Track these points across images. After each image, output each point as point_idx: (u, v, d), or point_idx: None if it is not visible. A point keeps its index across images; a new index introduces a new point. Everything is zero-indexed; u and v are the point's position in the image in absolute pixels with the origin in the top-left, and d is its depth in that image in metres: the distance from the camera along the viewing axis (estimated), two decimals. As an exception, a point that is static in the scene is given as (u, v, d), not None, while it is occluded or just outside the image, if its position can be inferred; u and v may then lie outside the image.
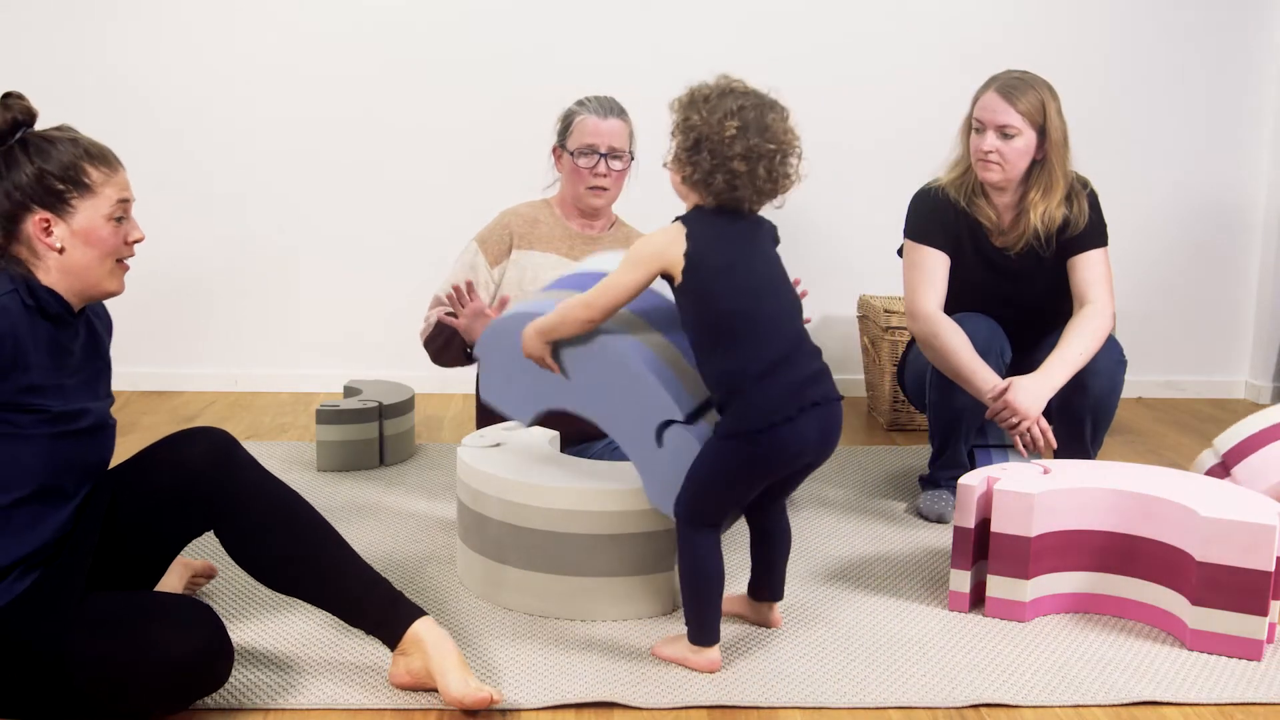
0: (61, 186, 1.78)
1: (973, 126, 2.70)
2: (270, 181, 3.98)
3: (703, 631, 1.97)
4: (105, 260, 1.83)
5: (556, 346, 2.07)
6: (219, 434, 1.96)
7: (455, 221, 3.53)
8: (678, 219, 1.94)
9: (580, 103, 2.77)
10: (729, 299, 1.89)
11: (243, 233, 4.00)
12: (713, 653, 1.98)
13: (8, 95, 1.81)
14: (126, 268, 1.88)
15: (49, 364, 1.80)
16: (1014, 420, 2.55)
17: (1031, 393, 2.55)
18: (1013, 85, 2.63)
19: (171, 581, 2.19)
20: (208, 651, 1.75)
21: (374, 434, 3.16)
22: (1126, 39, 4.10)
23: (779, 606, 2.17)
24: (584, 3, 3.94)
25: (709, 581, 1.97)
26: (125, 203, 1.84)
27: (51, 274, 1.81)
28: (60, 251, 1.80)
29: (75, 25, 3.85)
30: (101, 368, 1.95)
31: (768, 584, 2.14)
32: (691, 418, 2.02)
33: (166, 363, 4.03)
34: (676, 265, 1.89)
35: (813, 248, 3.99)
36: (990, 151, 2.64)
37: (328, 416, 3.11)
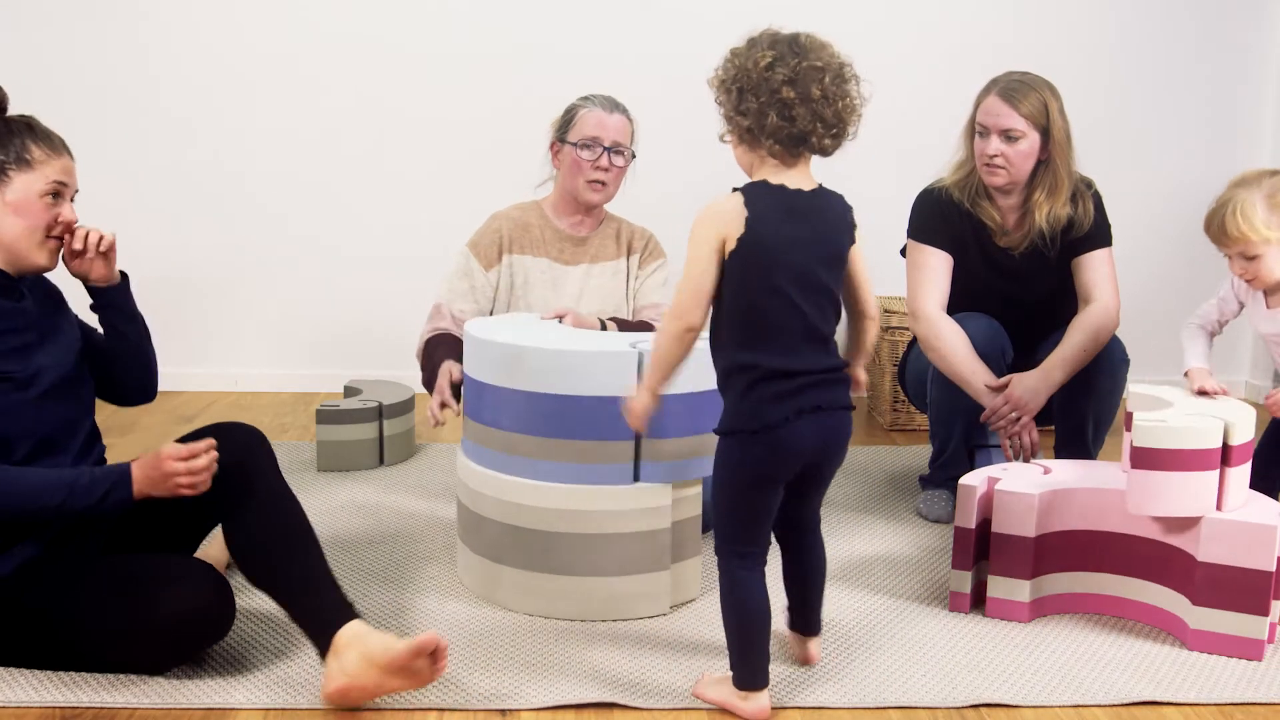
0: (3, 158, 1.88)
1: (976, 130, 2.68)
2: (271, 182, 3.98)
3: (748, 674, 1.81)
4: (33, 233, 1.92)
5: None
6: (248, 432, 2.07)
7: (456, 221, 3.52)
8: (736, 189, 1.75)
9: (584, 98, 2.78)
10: (765, 293, 1.71)
11: (243, 233, 4.00)
12: (762, 698, 1.81)
13: None
14: (58, 245, 1.97)
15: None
16: (1012, 415, 2.54)
17: (1031, 388, 2.55)
18: (1014, 88, 2.62)
19: (213, 551, 2.30)
20: (208, 607, 1.83)
21: (374, 434, 3.16)
22: (1127, 39, 4.10)
23: (817, 642, 2.02)
24: (585, 3, 3.95)
25: (752, 620, 1.80)
26: (63, 185, 1.94)
27: None
28: None
29: (77, 26, 3.85)
30: (59, 325, 2.02)
31: (802, 616, 1.98)
32: None
33: (166, 363, 3.94)
34: (735, 234, 1.70)
35: (813, 248, 3.99)
36: (995, 155, 2.63)
37: (328, 416, 3.11)
